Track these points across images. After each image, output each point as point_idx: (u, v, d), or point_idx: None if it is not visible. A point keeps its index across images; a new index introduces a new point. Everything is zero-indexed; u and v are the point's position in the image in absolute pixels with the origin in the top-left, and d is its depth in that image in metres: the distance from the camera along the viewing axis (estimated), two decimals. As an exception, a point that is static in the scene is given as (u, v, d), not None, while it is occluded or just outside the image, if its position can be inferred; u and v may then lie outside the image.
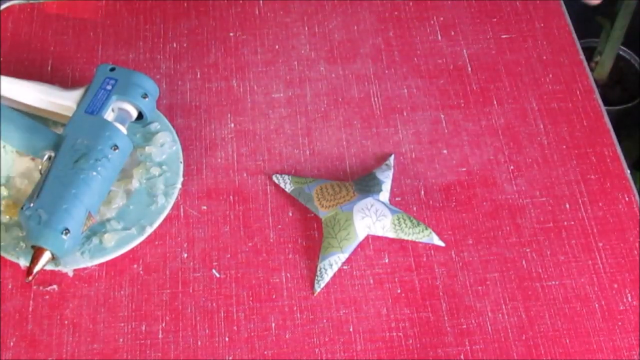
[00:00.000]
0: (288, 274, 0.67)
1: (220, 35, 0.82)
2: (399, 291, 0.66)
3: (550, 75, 0.79)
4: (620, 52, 1.45)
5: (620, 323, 0.64)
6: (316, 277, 0.66)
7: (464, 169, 0.73)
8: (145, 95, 0.69)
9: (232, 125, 0.75)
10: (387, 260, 0.67)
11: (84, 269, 0.66)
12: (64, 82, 0.77)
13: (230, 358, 0.63)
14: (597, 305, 0.65)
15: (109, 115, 0.68)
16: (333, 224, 0.67)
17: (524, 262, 0.67)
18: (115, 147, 0.65)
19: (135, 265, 0.67)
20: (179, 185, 0.69)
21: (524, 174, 0.72)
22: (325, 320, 0.64)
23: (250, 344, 0.63)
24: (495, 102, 0.77)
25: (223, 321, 0.64)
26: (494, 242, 0.68)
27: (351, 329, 0.64)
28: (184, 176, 0.71)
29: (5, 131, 0.65)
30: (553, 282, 0.66)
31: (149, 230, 0.67)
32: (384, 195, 0.69)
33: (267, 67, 0.79)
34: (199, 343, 0.63)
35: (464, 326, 0.64)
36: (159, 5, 0.84)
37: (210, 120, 0.75)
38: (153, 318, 0.64)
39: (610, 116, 0.77)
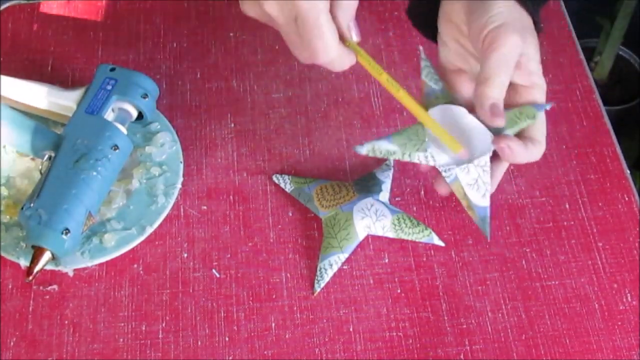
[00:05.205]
0: (288, 274, 0.67)
1: (220, 35, 0.82)
2: (399, 291, 0.66)
3: (550, 75, 0.78)
4: (620, 52, 1.45)
5: (620, 323, 0.64)
6: (316, 277, 0.66)
7: (463, 169, 0.73)
8: (145, 95, 0.69)
9: (232, 125, 0.75)
10: (387, 260, 0.67)
11: (84, 269, 0.66)
12: (64, 82, 0.77)
13: (230, 358, 0.63)
14: (597, 305, 0.65)
15: (109, 115, 0.68)
16: (333, 224, 0.67)
17: (523, 262, 0.67)
18: (115, 147, 0.65)
19: (135, 265, 0.67)
20: (179, 185, 0.70)
21: (524, 174, 0.72)
22: (325, 320, 0.64)
23: (250, 344, 0.63)
24: (495, 102, 0.77)
25: (223, 321, 0.64)
26: (493, 242, 0.68)
27: (351, 329, 0.64)
28: (184, 176, 0.71)
29: (5, 131, 0.65)
30: (553, 282, 0.66)
31: (149, 230, 0.67)
32: (384, 195, 0.69)
33: (267, 67, 0.79)
34: (199, 343, 0.63)
35: (464, 326, 0.64)
36: (159, 5, 0.84)
37: (210, 120, 0.75)
38: (153, 318, 0.64)
39: (610, 116, 0.77)
